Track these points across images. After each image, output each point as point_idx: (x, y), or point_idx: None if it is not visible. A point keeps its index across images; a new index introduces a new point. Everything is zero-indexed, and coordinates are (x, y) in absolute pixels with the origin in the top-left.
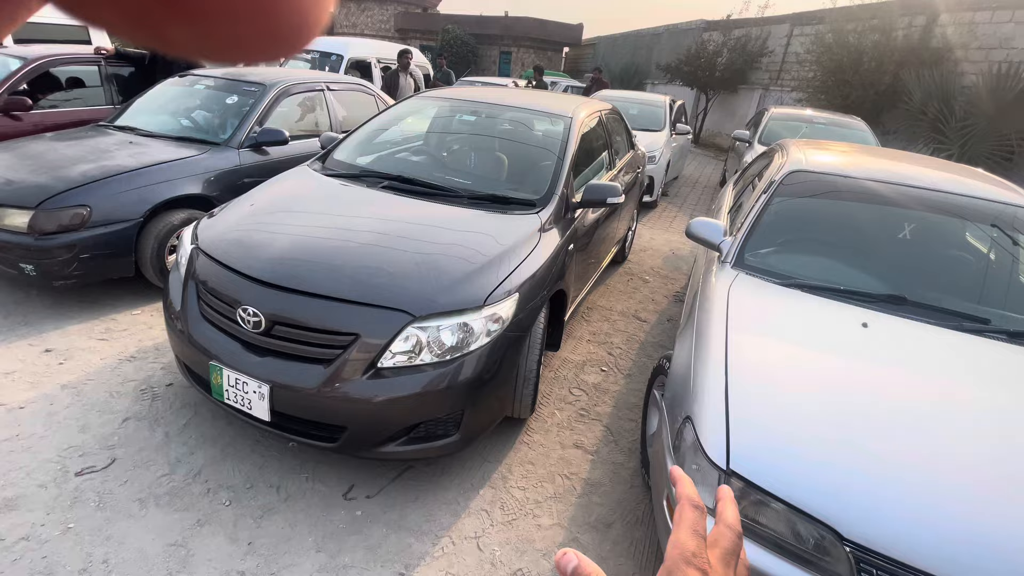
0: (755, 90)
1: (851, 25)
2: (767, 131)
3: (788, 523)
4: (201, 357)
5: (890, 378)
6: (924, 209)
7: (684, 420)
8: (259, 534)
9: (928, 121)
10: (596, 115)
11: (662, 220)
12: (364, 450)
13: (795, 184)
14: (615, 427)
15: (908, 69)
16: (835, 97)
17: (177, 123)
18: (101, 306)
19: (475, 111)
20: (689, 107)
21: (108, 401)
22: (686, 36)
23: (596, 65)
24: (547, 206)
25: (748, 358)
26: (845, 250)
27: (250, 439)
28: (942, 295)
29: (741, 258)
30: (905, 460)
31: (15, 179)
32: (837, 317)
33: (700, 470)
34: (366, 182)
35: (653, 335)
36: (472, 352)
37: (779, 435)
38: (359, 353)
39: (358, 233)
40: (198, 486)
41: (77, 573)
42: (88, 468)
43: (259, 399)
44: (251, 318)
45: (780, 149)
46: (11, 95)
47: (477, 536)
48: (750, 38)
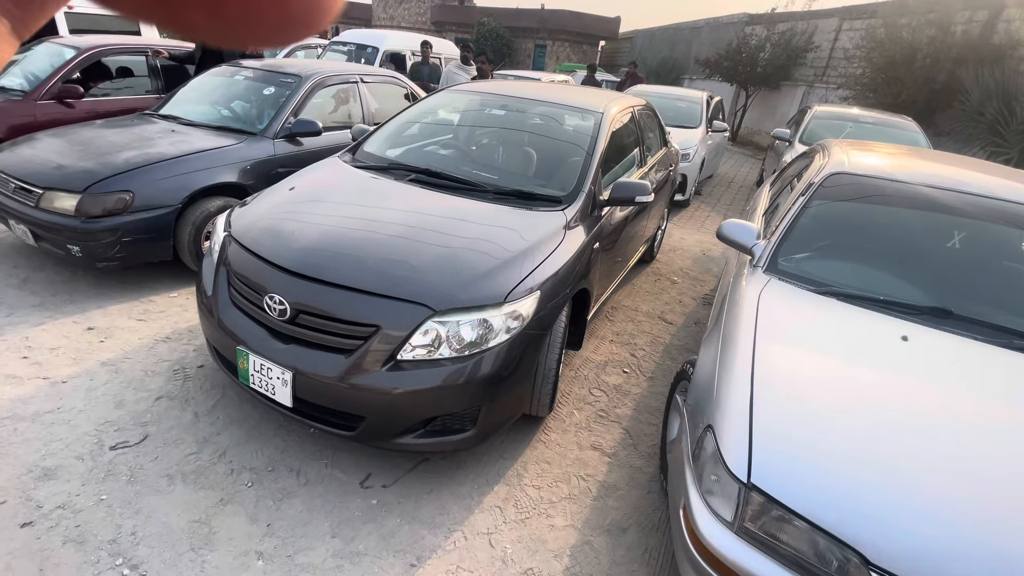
0: (798, 87)
1: (905, 19)
2: (809, 130)
3: (810, 543)
4: (229, 341)
5: (930, 396)
6: (977, 217)
7: (705, 428)
8: (278, 516)
9: (986, 123)
10: (628, 111)
11: (694, 220)
12: (381, 440)
13: (836, 187)
14: (634, 430)
15: (966, 67)
16: (885, 95)
17: (217, 113)
18: (140, 288)
19: (505, 105)
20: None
21: (143, 379)
22: (727, 30)
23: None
24: (573, 203)
25: (776, 367)
26: (887, 258)
27: (273, 423)
28: (992, 310)
29: (774, 263)
30: (941, 486)
31: (65, 164)
32: (875, 329)
33: (720, 481)
34: (394, 174)
35: (679, 338)
36: (491, 348)
37: (805, 450)
38: (379, 344)
39: (384, 225)
40: (223, 466)
41: (107, 543)
42: (122, 443)
43: (282, 385)
44: (277, 306)
45: (821, 149)
46: (65, 83)
47: (489, 532)
48: (795, 32)
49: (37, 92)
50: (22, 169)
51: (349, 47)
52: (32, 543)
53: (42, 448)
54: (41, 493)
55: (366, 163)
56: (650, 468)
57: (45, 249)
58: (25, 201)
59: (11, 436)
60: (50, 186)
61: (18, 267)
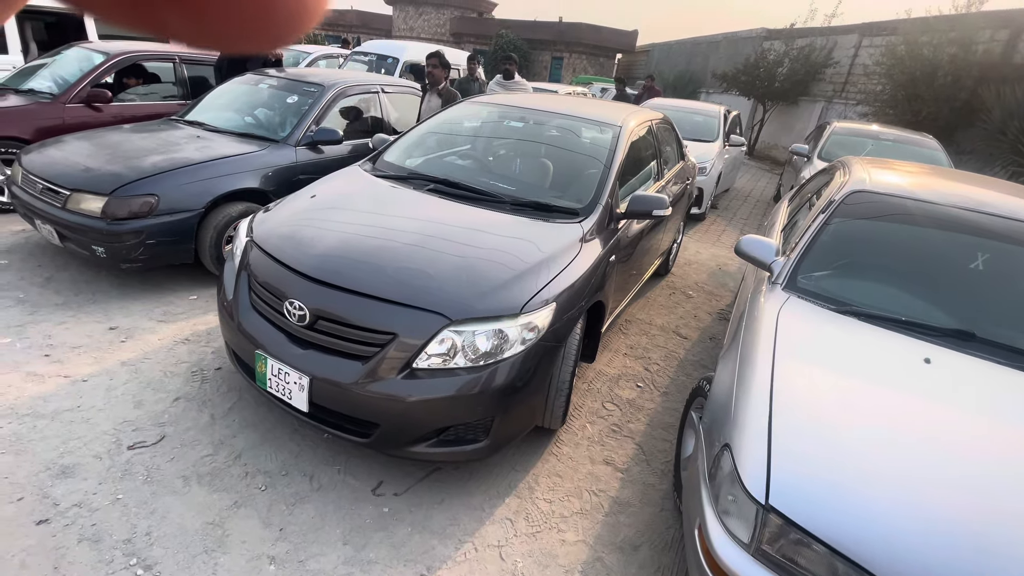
0: (817, 102)
1: (926, 37)
2: (828, 146)
3: (829, 568)
4: (248, 345)
5: (952, 420)
6: (1000, 239)
7: (723, 447)
8: (290, 521)
9: (1008, 142)
10: (646, 124)
11: (710, 234)
12: (394, 448)
13: (857, 204)
14: (648, 446)
15: (987, 85)
16: (905, 112)
17: (241, 120)
18: (162, 290)
19: (523, 117)
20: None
21: (162, 380)
22: (745, 45)
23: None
24: (590, 215)
25: (795, 387)
26: (909, 278)
27: (288, 427)
28: (1017, 333)
29: (793, 280)
30: (962, 512)
31: (93, 167)
32: (896, 350)
33: (736, 501)
34: (413, 184)
35: (693, 353)
36: (506, 359)
37: (825, 472)
38: (396, 352)
39: (402, 234)
40: (238, 468)
41: (122, 543)
42: (139, 443)
43: (299, 390)
44: (296, 311)
45: (842, 166)
46: (94, 87)
47: (500, 545)
48: (814, 48)
49: (66, 95)
50: (50, 170)
51: (370, 57)
52: (47, 540)
53: (60, 446)
54: (58, 491)
55: (386, 172)
56: (663, 485)
57: (70, 249)
58: (52, 202)
59: (30, 433)
60: (77, 188)
61: (42, 266)
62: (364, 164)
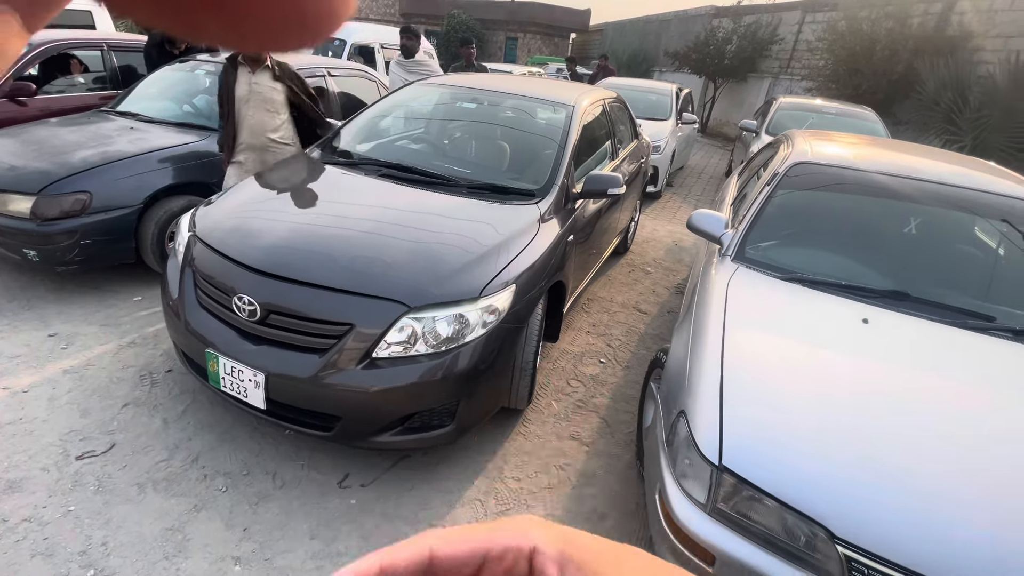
0: (764, 79)
1: (864, 12)
2: (775, 121)
3: (780, 520)
4: (198, 345)
5: (889, 376)
6: (931, 203)
7: (678, 414)
8: (254, 520)
9: (941, 112)
10: (599, 103)
11: (666, 211)
12: (359, 439)
13: (799, 176)
14: (612, 419)
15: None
16: (846, 86)
17: (178, 109)
18: (103, 292)
19: (476, 99)
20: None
21: (108, 386)
22: (695, 23)
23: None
24: (547, 196)
25: (744, 353)
26: (848, 244)
27: (247, 426)
28: (947, 291)
29: (742, 251)
30: (900, 460)
31: (18, 165)
32: (837, 312)
33: (693, 465)
34: (364, 170)
35: (653, 327)
36: (467, 343)
37: (773, 432)
38: (354, 343)
39: (355, 222)
40: (195, 472)
41: (77, 555)
42: (88, 452)
43: (254, 387)
44: (246, 306)
45: (786, 140)
46: (16, 80)
47: None
48: (760, 25)
49: None
50: None
51: None
52: None
53: (4, 460)
54: (6, 506)
55: (335, 159)
56: (627, 455)
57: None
58: None
59: None
60: (3, 188)
61: None
62: (312, 151)
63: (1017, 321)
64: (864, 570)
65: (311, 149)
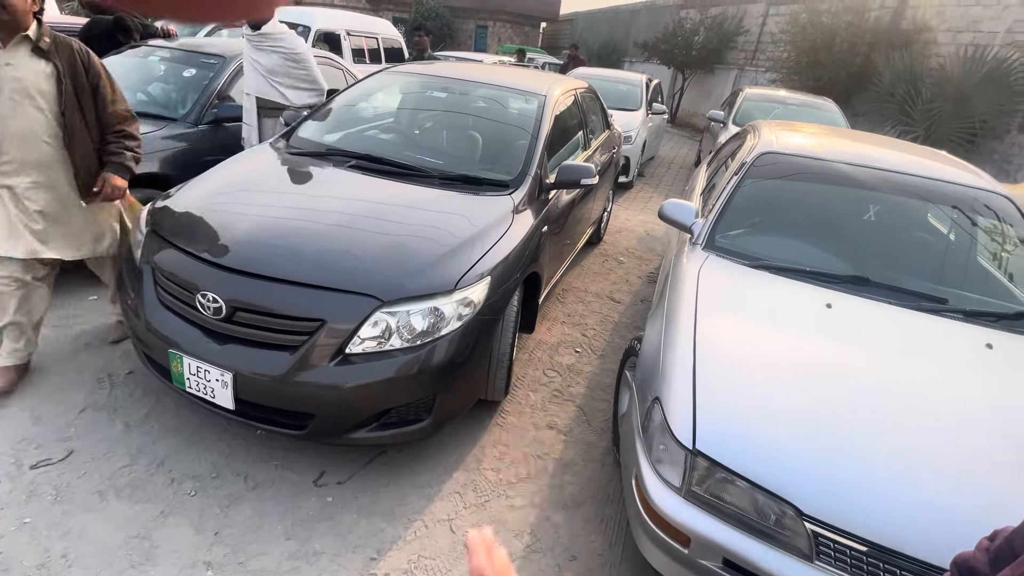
0: (731, 70)
1: (825, 6)
2: (741, 111)
3: (751, 500)
4: (160, 345)
5: (850, 358)
6: (888, 191)
7: (653, 401)
8: (226, 523)
9: (896, 103)
10: (571, 93)
11: (638, 201)
12: (333, 437)
13: (765, 166)
14: (588, 407)
15: (879, 51)
16: (808, 78)
17: (131, 97)
18: (56, 292)
19: (447, 88)
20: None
21: (64, 391)
22: (663, 13)
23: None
24: (520, 187)
25: (715, 339)
26: (813, 231)
27: (216, 427)
28: (903, 276)
29: (712, 240)
30: (863, 438)
31: None
32: (802, 298)
33: (668, 450)
34: (332, 161)
35: (627, 316)
36: (443, 337)
37: (744, 415)
38: (326, 339)
39: (323, 214)
40: (161, 477)
41: (35, 568)
42: (44, 461)
43: (222, 387)
44: (211, 304)
45: (752, 130)
46: None
47: (450, 519)
48: (726, 17)
49: None
50: None
51: None
52: None
53: None
54: None
55: (301, 149)
56: (603, 442)
57: None
58: None
59: None
60: None
61: None
62: (276, 141)
63: (967, 303)
64: (831, 544)
65: (275, 139)
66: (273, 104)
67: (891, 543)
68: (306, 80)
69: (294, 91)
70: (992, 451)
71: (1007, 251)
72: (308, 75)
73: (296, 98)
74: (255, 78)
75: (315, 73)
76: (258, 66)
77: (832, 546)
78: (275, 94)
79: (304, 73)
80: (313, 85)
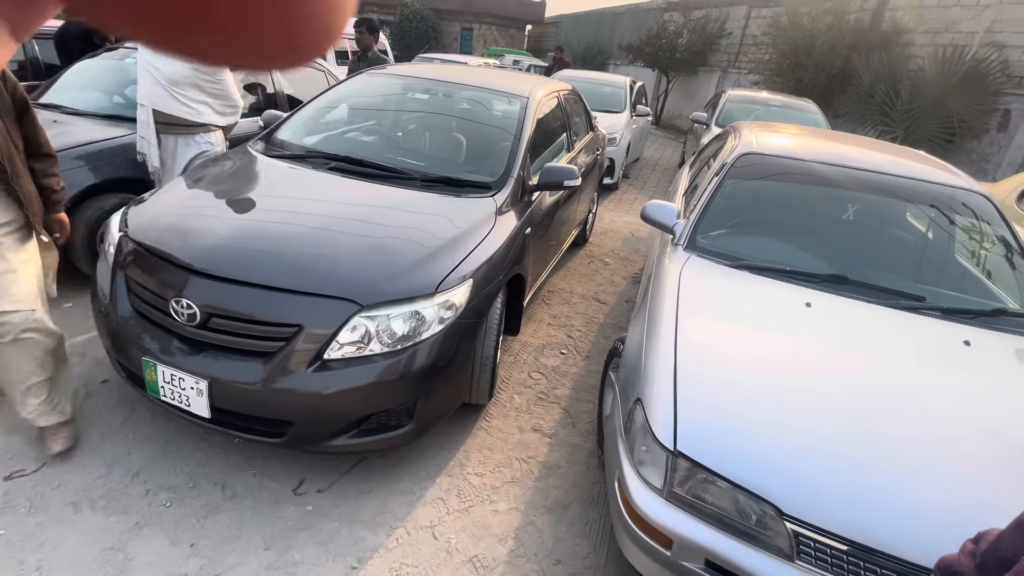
0: (714, 72)
1: (806, 8)
2: (724, 113)
3: (732, 500)
4: (133, 352)
5: (829, 357)
6: (867, 191)
7: (635, 402)
8: (203, 534)
9: (876, 104)
10: (554, 95)
11: (623, 202)
12: (312, 444)
13: (746, 166)
14: (573, 409)
15: (858, 53)
16: (789, 80)
17: (108, 100)
18: None
19: (429, 89)
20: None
21: None
22: (647, 16)
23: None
24: (503, 189)
25: (696, 340)
26: (793, 231)
27: (193, 436)
28: (881, 274)
29: (693, 241)
30: (842, 437)
31: None
32: (782, 297)
33: (649, 451)
34: (312, 163)
35: (612, 317)
36: (424, 341)
37: (724, 416)
38: (304, 345)
39: (302, 217)
40: (136, 487)
41: None
42: (17, 472)
43: (197, 395)
44: (185, 310)
45: (733, 131)
46: None
47: (433, 525)
48: (709, 19)
49: None
50: None
51: None
52: None
53: None
54: None
55: (280, 152)
56: (588, 444)
57: None
58: None
59: None
60: None
61: None
62: (255, 144)
63: (945, 300)
64: (811, 543)
65: (254, 141)
66: (178, 120)
67: (872, 542)
68: (220, 96)
69: (207, 107)
70: (971, 448)
71: (984, 248)
72: (222, 90)
73: (212, 116)
74: (151, 86)
75: (229, 88)
76: (156, 72)
77: (813, 545)
78: (180, 108)
79: (218, 88)
80: (228, 102)
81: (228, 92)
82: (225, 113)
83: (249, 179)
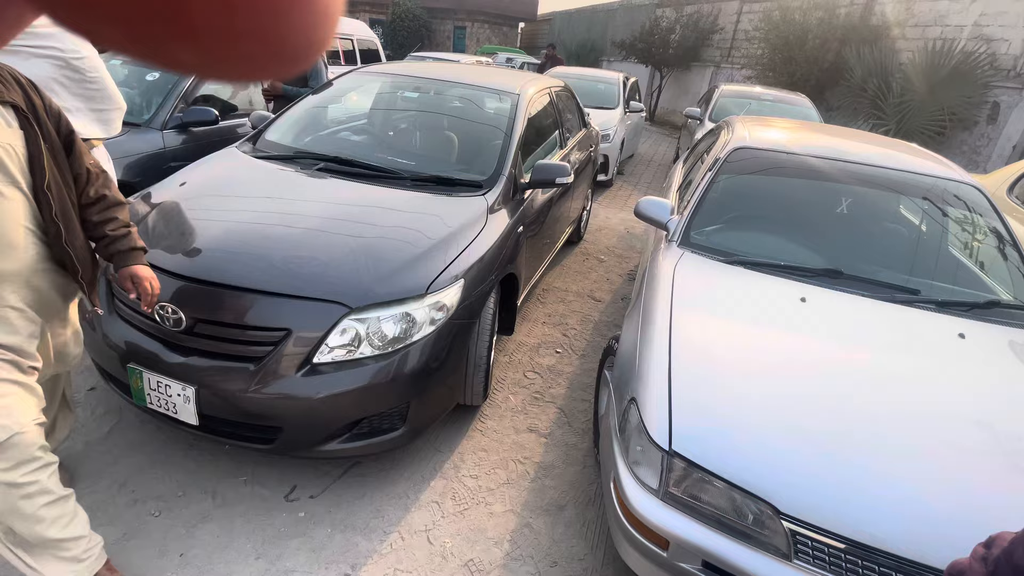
0: (707, 67)
1: (797, 3)
2: (717, 108)
3: (729, 500)
4: (118, 359)
5: (825, 352)
6: (861, 184)
7: (629, 401)
8: (192, 544)
9: (868, 97)
10: (546, 92)
11: (617, 199)
12: (303, 450)
13: (739, 161)
14: (569, 408)
15: (850, 46)
16: (782, 74)
17: None
18: None
19: (419, 88)
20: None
21: None
22: (640, 12)
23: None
24: (494, 187)
25: (691, 338)
26: (787, 226)
27: (182, 443)
28: (876, 268)
29: (687, 237)
30: (839, 435)
31: None
32: (777, 293)
33: (644, 451)
34: (301, 164)
35: (607, 315)
36: (416, 342)
37: (719, 415)
38: (292, 349)
39: (291, 219)
40: (124, 497)
41: None
42: None
43: (184, 402)
44: (171, 316)
45: (726, 126)
46: None
47: (427, 529)
48: (702, 15)
49: None
50: None
51: None
52: None
53: None
54: None
55: (268, 153)
56: (584, 444)
57: None
58: None
59: None
60: None
61: None
62: (242, 145)
63: (939, 293)
64: (808, 542)
65: (242, 143)
66: None
67: (868, 540)
68: (100, 99)
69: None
70: (967, 441)
71: (978, 240)
72: (97, 88)
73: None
74: None
75: (106, 83)
76: None
77: (810, 544)
78: None
79: (96, 90)
80: (109, 104)
81: (105, 89)
82: (106, 121)
83: (237, 181)
